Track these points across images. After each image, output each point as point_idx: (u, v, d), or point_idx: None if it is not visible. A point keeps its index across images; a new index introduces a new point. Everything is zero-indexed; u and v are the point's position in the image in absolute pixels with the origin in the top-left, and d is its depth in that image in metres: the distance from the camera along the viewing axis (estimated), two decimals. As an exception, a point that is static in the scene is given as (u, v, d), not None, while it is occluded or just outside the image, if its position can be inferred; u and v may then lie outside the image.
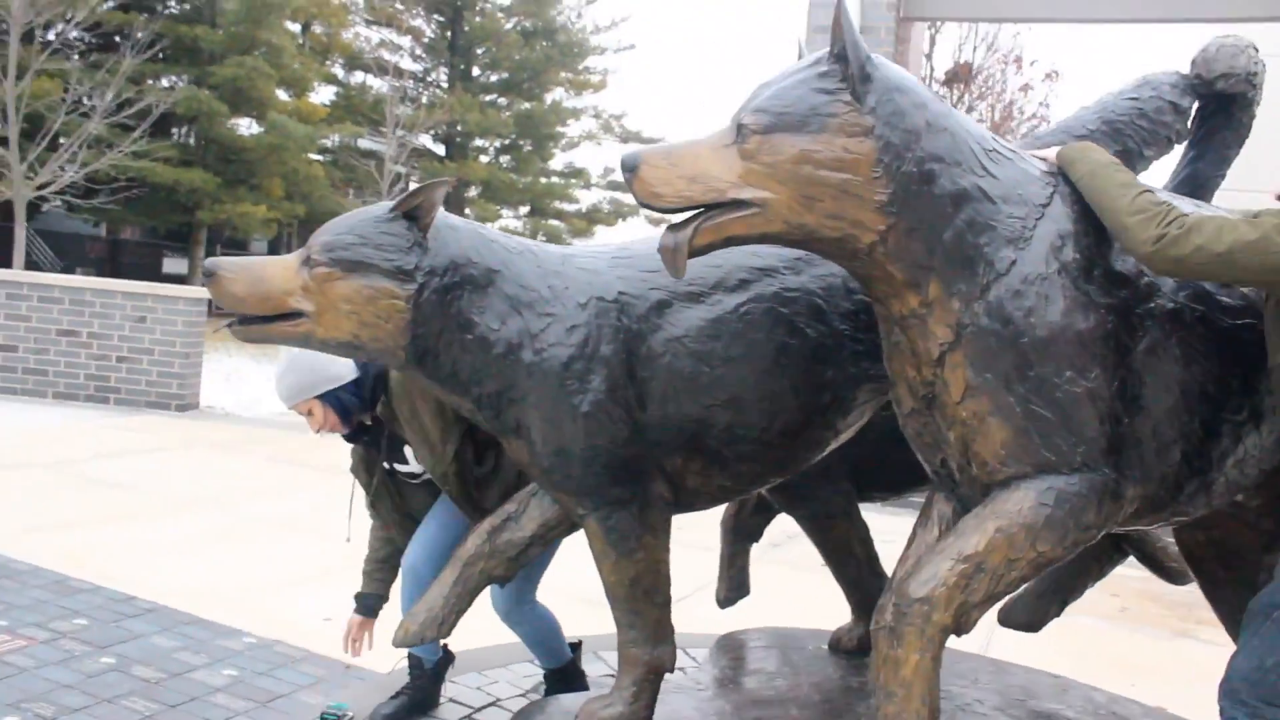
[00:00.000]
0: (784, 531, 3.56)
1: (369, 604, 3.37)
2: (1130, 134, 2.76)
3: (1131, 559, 3.32)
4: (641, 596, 2.60)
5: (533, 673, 3.60)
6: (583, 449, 2.46)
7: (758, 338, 2.52)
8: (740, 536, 3.56)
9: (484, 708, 3.44)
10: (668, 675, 2.75)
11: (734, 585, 3.62)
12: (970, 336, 2.08)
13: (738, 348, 2.51)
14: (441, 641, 3.32)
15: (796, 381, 2.54)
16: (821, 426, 2.61)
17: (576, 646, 3.49)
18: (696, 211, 2.06)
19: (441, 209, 2.50)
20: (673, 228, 2.09)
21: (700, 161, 2.05)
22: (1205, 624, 6.17)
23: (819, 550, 3.36)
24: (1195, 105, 2.80)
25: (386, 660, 3.50)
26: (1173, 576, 3.21)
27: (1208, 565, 2.75)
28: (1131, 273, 2.14)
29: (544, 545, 2.80)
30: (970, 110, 18.39)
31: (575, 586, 3.95)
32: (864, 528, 3.32)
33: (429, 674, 3.39)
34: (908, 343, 2.15)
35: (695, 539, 2.70)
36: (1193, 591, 4.50)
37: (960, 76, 18.23)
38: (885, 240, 2.06)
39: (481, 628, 3.30)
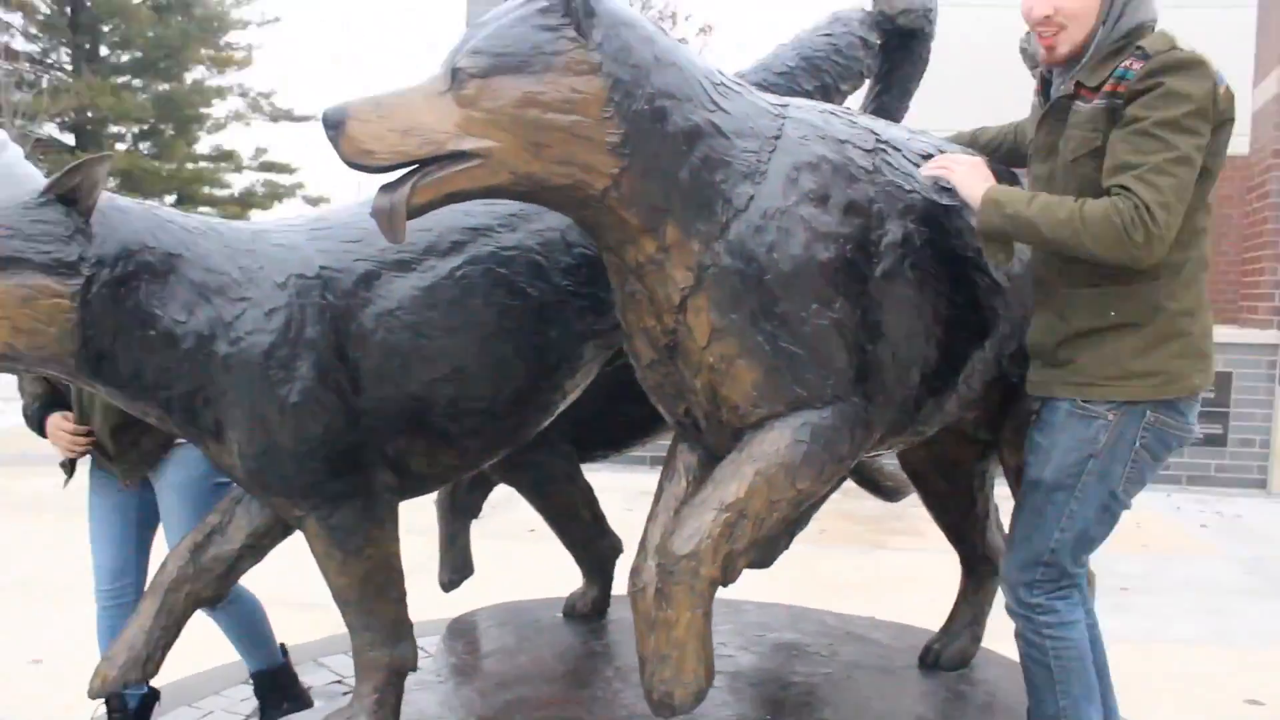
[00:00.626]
0: (486, 502, 3.45)
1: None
2: (827, 70, 2.81)
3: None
4: (375, 595, 2.41)
5: (249, 695, 3.31)
6: (295, 444, 2.23)
7: (477, 303, 2.36)
8: (460, 515, 3.42)
9: (200, 744, 3.15)
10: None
11: (457, 566, 3.48)
12: (713, 278, 2.01)
13: (457, 316, 2.34)
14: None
15: (522, 346, 2.40)
16: (550, 390, 2.50)
17: (284, 651, 3.24)
18: (412, 169, 1.88)
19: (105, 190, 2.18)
20: (386, 188, 1.90)
21: (414, 112, 1.87)
22: (894, 534, 6.63)
23: (543, 516, 3.29)
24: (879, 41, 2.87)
25: (84, 707, 3.13)
26: (890, 495, 3.34)
27: (929, 480, 2.87)
28: (863, 200, 2.14)
29: (256, 557, 2.55)
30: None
31: (280, 591, 3.68)
32: (588, 489, 3.27)
33: (133, 716, 3.06)
34: (645, 292, 2.06)
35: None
36: (878, 506, 4.84)
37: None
38: (619, 184, 1.95)
39: (189, 652, 3.00)
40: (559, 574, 3.46)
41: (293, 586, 2.91)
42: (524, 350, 2.41)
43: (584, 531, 3.31)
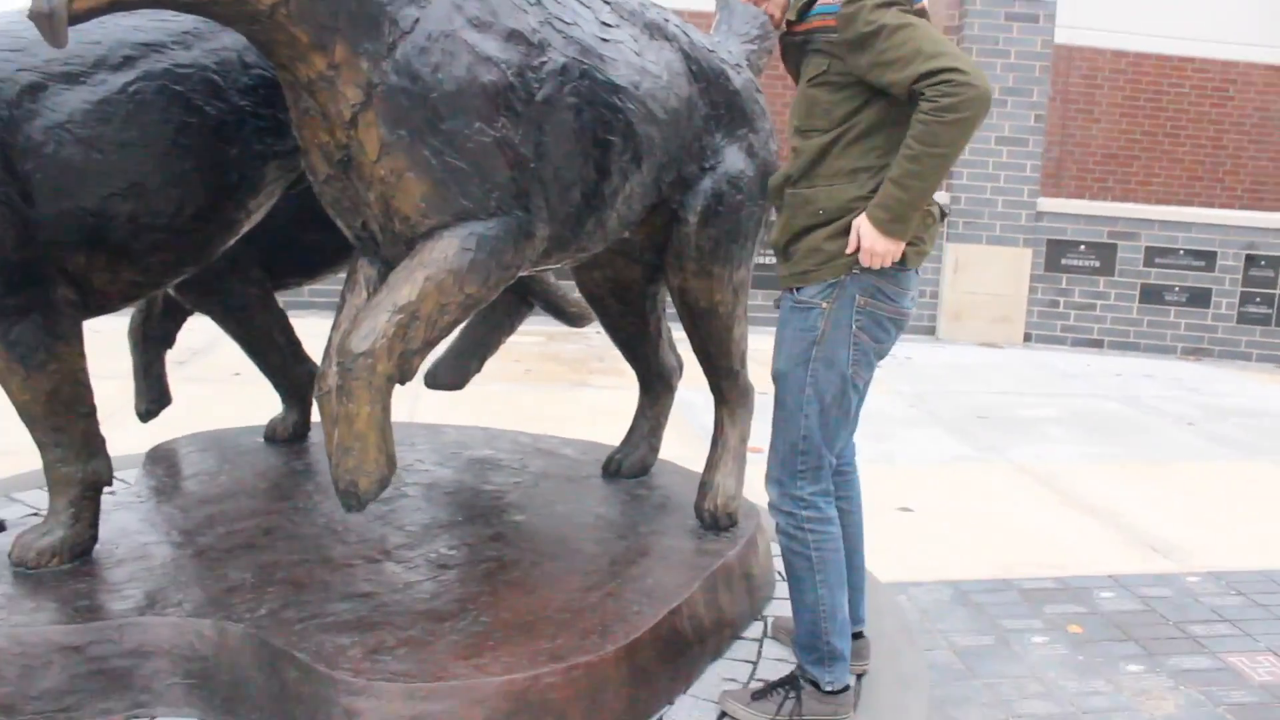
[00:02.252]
0: (189, 348, 3.45)
1: None
2: None
3: (529, 326, 3.65)
4: (63, 410, 2.42)
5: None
6: None
7: (152, 119, 2.36)
8: (153, 344, 3.40)
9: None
10: (106, 493, 2.62)
11: (154, 396, 3.46)
12: (381, 95, 2.10)
13: (132, 131, 2.33)
14: None
15: (201, 162, 2.43)
16: (233, 208, 2.54)
17: None
18: None
19: None
20: None
21: None
22: (595, 373, 6.96)
23: (239, 343, 3.33)
24: None
25: None
26: (573, 320, 3.56)
27: (605, 301, 3.08)
28: (526, 30, 2.26)
29: None
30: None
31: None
32: (282, 315, 3.33)
33: None
34: (318, 107, 2.13)
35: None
36: (582, 349, 5.09)
37: None
38: (287, 1, 2.01)
39: None
40: (266, 414, 3.52)
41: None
42: (203, 167, 2.44)
43: (280, 356, 3.37)
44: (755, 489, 2.68)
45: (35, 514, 3.33)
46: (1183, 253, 9.28)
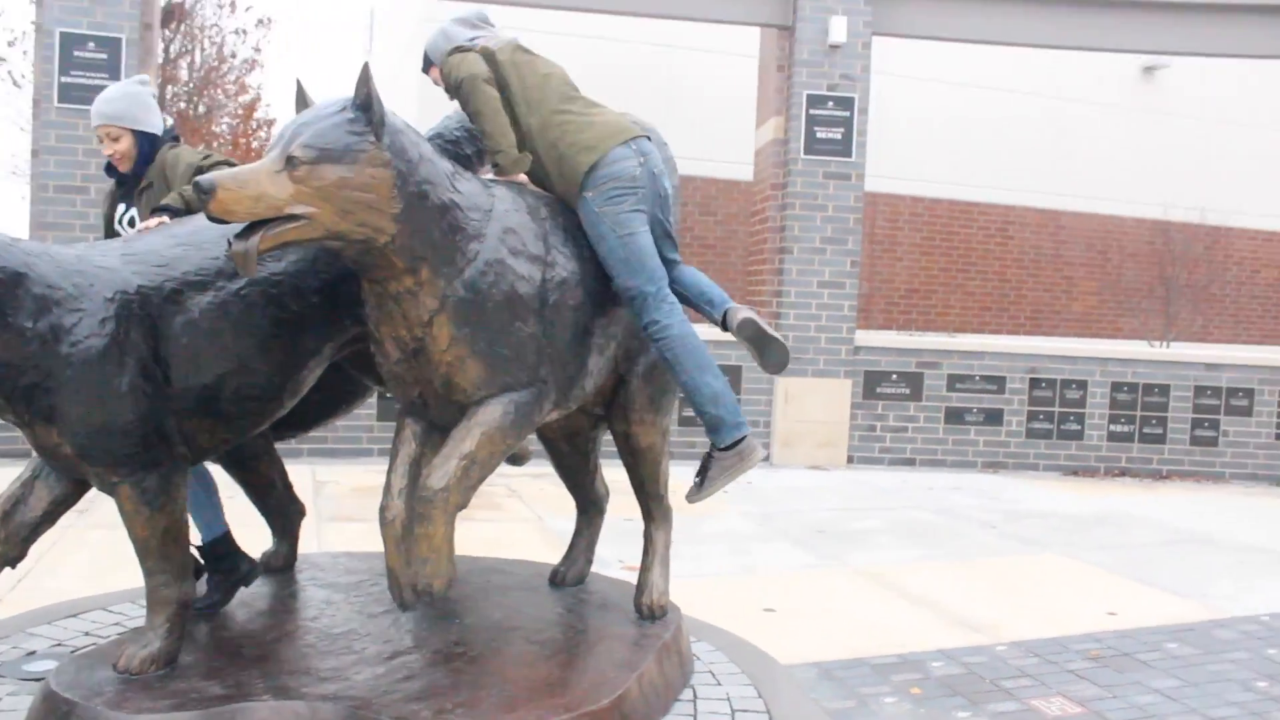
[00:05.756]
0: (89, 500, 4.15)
1: None
2: (476, 139, 3.86)
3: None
4: (170, 544, 3.11)
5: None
6: (123, 424, 2.92)
7: (256, 315, 3.15)
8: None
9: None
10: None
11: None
12: (452, 304, 2.96)
13: (241, 324, 3.12)
14: None
15: (286, 346, 3.22)
16: (303, 379, 3.33)
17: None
18: (258, 222, 2.67)
19: None
20: (240, 236, 2.68)
21: (261, 184, 2.66)
22: (475, 509, 7.67)
23: (242, 486, 3.97)
24: None
25: None
26: (515, 461, 4.39)
27: (558, 443, 3.97)
28: (542, 254, 3.19)
29: (52, 522, 3.18)
30: (185, 54, 18.43)
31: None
32: (280, 462, 4.06)
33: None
34: (400, 311, 2.97)
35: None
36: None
37: (175, 17, 18.13)
38: (395, 240, 2.86)
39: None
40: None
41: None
42: (287, 350, 3.23)
43: (278, 497, 4.09)
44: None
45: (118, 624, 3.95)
46: (978, 378, 10.70)
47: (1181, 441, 10.84)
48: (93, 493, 3.70)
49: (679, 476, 3.88)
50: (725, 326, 3.57)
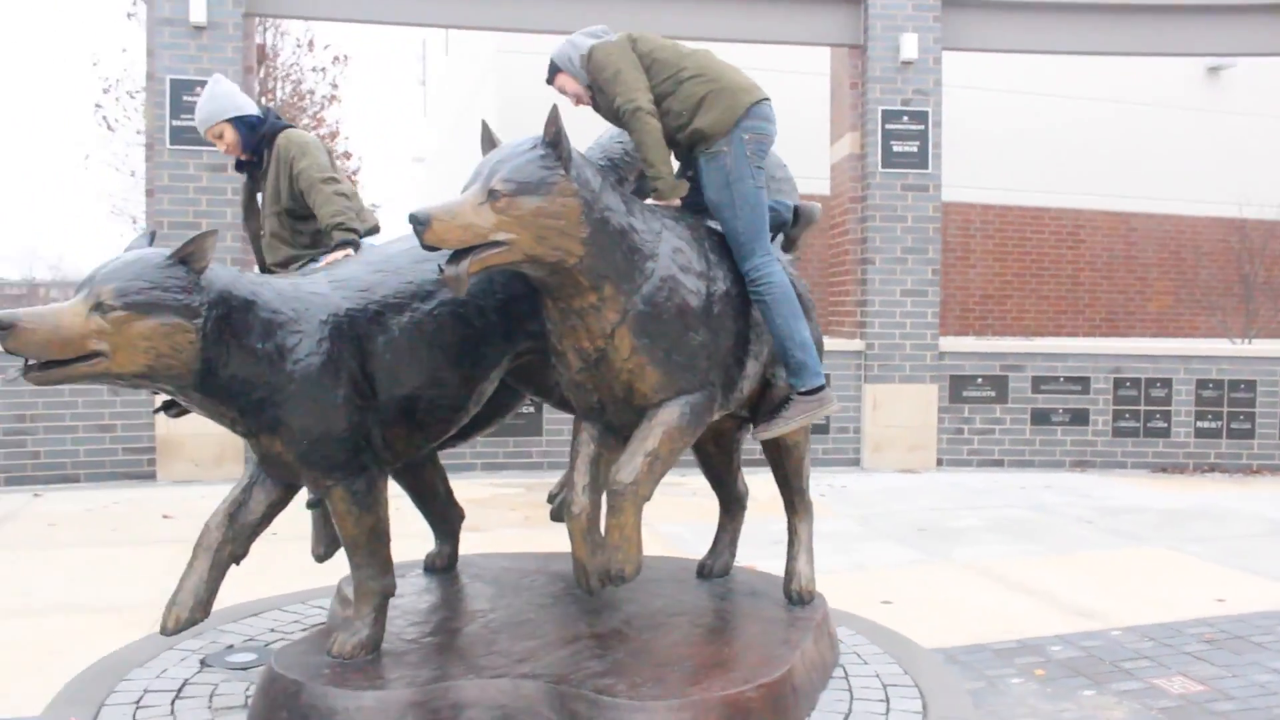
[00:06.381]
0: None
1: None
2: (630, 162, 4.20)
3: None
4: (375, 540, 3.46)
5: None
6: (338, 433, 3.28)
7: (446, 332, 3.51)
8: None
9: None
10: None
11: (330, 541, 4.50)
12: (632, 317, 3.29)
13: (434, 340, 3.48)
14: None
15: (472, 359, 3.57)
16: (485, 388, 3.68)
17: None
18: (465, 249, 3.01)
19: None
20: (450, 261, 3.02)
21: (468, 215, 3.01)
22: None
23: (408, 491, 4.33)
24: None
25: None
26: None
27: (706, 446, 4.28)
28: (705, 270, 3.51)
29: (268, 523, 3.54)
30: (268, 91, 19.07)
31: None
32: (443, 469, 4.41)
33: None
34: (583, 325, 3.30)
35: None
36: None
37: (258, 58, 18.81)
38: (582, 261, 3.20)
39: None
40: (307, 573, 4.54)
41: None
42: (473, 362, 3.58)
43: (440, 502, 4.45)
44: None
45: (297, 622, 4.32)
46: (1062, 379, 10.86)
47: (1271, 436, 10.90)
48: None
49: (689, 485, 4.15)
50: None
